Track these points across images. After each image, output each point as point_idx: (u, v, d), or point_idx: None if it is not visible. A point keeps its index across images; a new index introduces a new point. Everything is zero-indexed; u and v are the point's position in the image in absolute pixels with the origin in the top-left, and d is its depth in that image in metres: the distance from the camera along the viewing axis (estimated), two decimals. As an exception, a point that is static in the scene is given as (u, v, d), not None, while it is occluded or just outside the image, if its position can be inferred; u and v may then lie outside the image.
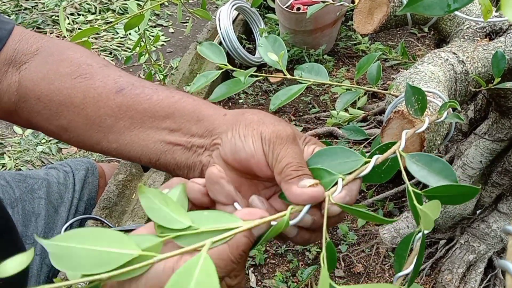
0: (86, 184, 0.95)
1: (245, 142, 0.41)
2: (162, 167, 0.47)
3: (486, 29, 0.74)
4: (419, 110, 0.43)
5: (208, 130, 0.44)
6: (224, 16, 1.54)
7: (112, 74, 0.49)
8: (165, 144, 0.46)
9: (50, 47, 0.52)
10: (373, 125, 1.33)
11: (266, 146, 0.40)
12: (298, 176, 0.38)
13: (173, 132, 0.45)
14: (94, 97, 0.47)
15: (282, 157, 0.39)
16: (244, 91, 1.51)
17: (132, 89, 0.47)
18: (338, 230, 1.05)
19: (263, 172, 0.41)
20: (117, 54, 1.96)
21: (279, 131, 0.40)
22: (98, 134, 0.48)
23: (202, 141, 0.44)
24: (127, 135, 0.46)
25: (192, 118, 0.45)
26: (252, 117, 0.42)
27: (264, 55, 0.55)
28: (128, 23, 0.86)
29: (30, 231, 0.81)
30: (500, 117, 0.85)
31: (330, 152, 0.39)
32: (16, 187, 0.83)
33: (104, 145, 0.48)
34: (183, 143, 0.45)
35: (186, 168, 0.46)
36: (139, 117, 0.46)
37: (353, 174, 0.37)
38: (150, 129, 0.46)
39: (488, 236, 0.94)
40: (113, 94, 0.47)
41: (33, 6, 2.20)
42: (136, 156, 0.47)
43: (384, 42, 1.81)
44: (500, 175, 0.90)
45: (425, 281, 0.98)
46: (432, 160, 0.36)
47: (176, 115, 0.45)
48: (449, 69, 0.66)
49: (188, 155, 0.45)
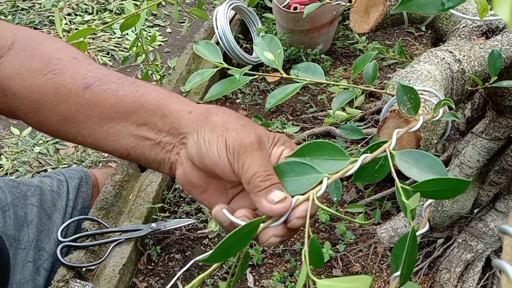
0: (80, 193, 0.95)
1: (209, 149, 0.41)
2: (134, 161, 0.48)
3: (483, 27, 0.74)
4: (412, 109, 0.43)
5: (174, 127, 0.44)
6: (221, 16, 1.53)
7: (81, 68, 0.49)
8: (134, 138, 0.46)
9: (23, 41, 0.51)
10: (370, 124, 1.33)
11: (231, 155, 0.40)
12: (266, 188, 0.38)
13: (140, 126, 0.46)
14: (65, 94, 0.47)
15: (248, 166, 0.39)
16: (242, 91, 1.50)
17: (99, 85, 0.47)
18: (336, 230, 1.05)
19: (230, 178, 0.41)
20: (115, 55, 1.96)
21: (242, 139, 0.40)
22: (73, 130, 0.48)
23: (170, 139, 0.45)
24: (99, 131, 0.47)
25: (157, 113, 0.45)
26: (216, 119, 0.42)
27: (260, 54, 0.55)
28: (125, 23, 0.86)
29: (22, 235, 0.81)
30: (497, 116, 0.85)
31: (318, 147, 0.39)
32: (9, 192, 0.82)
33: (80, 139, 0.49)
34: (151, 138, 0.45)
35: (156, 163, 0.46)
36: (106, 113, 0.46)
37: (339, 173, 0.37)
38: (118, 125, 0.46)
39: (486, 235, 0.94)
40: (82, 91, 0.47)
41: (30, 6, 2.19)
42: (110, 150, 0.48)
43: (381, 42, 1.81)
44: (497, 174, 0.90)
45: (423, 280, 0.98)
46: (421, 156, 0.36)
47: (142, 110, 0.46)
48: (446, 68, 0.66)
49: (157, 151, 0.45)
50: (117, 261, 0.90)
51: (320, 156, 0.38)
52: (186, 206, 1.08)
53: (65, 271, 0.83)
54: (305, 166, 0.37)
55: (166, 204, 1.08)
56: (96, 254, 0.90)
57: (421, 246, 1.02)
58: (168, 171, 0.46)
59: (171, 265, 0.99)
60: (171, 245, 1.03)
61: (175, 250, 1.02)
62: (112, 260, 0.90)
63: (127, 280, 0.92)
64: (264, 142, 0.42)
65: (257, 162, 0.39)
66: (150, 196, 1.03)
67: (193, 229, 1.06)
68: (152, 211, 1.02)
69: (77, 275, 0.85)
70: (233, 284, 0.39)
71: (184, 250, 1.02)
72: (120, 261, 0.90)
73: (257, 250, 0.99)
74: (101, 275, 0.87)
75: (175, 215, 1.08)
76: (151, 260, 0.99)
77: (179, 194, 1.12)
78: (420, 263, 0.99)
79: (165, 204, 1.08)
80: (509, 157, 0.85)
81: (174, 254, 1.01)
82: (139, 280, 0.96)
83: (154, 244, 1.01)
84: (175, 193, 1.11)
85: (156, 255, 0.99)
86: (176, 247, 1.02)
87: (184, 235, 1.04)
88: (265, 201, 0.37)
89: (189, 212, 1.08)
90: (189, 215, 1.08)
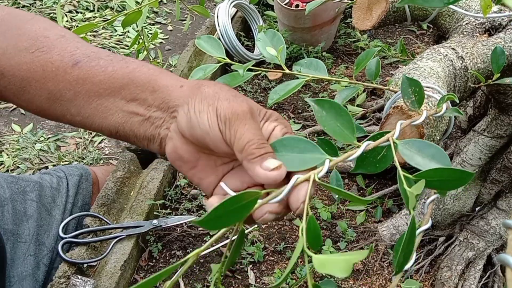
0: (80, 190, 0.95)
1: (199, 118, 0.40)
2: (123, 139, 0.47)
3: (486, 24, 0.74)
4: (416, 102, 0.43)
5: (164, 101, 0.44)
6: (222, 13, 1.53)
7: (69, 46, 0.48)
8: (123, 114, 0.45)
9: (9, 20, 0.51)
10: (372, 122, 1.33)
11: (222, 123, 0.39)
12: (261, 156, 0.37)
13: (129, 102, 0.45)
14: (53, 71, 0.47)
15: (241, 134, 0.38)
16: (243, 88, 1.50)
17: (87, 61, 0.47)
18: (337, 227, 1.05)
19: (220, 149, 0.41)
20: (116, 52, 1.96)
21: (234, 107, 0.39)
22: (62, 108, 0.48)
23: (160, 114, 0.44)
24: (87, 108, 0.46)
25: (147, 89, 0.45)
26: (208, 90, 0.42)
27: (262, 49, 0.55)
28: (126, 20, 0.86)
29: (22, 230, 0.81)
30: (499, 113, 0.85)
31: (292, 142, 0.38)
32: (7, 187, 0.82)
33: (69, 118, 0.48)
34: (141, 113, 0.45)
35: (145, 139, 0.46)
36: (95, 89, 0.46)
37: (342, 157, 0.36)
38: (107, 101, 0.46)
39: (487, 233, 0.93)
40: (70, 68, 0.46)
41: (31, 3, 2.19)
42: (98, 128, 0.47)
43: (383, 40, 1.81)
44: (499, 172, 0.89)
45: (424, 278, 0.98)
46: (425, 145, 0.36)
47: (131, 85, 0.45)
48: (448, 65, 0.66)
49: (146, 126, 0.45)
50: (118, 258, 0.90)
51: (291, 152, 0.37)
52: (188, 203, 1.08)
53: (67, 267, 0.83)
54: (309, 144, 0.37)
55: (167, 201, 1.08)
56: (98, 251, 0.90)
57: (423, 244, 1.02)
58: (157, 148, 0.46)
59: (173, 262, 0.99)
60: (173, 241, 1.03)
61: (176, 246, 1.02)
62: (114, 257, 0.90)
63: (128, 276, 0.92)
64: (255, 113, 0.41)
65: (250, 130, 0.38)
66: (152, 192, 1.03)
67: (194, 226, 1.06)
68: (153, 208, 1.02)
69: (78, 271, 0.85)
70: (225, 267, 0.38)
71: (185, 247, 1.02)
72: (122, 258, 0.90)
73: (258, 247, 0.99)
74: (102, 271, 0.87)
75: (176, 212, 1.08)
76: (152, 256, 0.99)
77: (181, 191, 1.12)
78: (422, 261, 0.99)
79: (166, 201, 1.08)
80: (511, 155, 0.85)
81: (176, 250, 1.01)
82: (141, 276, 0.96)
83: (155, 240, 1.01)
84: (177, 190, 1.11)
85: (157, 252, 0.99)
86: (177, 244, 1.02)
87: (185, 232, 1.04)
88: (260, 168, 0.37)
89: (190, 209, 1.08)
90: (190, 212, 1.08)
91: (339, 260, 0.26)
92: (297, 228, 1.06)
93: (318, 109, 0.38)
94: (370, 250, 0.27)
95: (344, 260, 0.26)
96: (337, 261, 0.26)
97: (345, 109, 0.37)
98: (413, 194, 0.31)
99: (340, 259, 0.26)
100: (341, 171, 1.18)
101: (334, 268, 0.26)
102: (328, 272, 0.26)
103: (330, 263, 0.26)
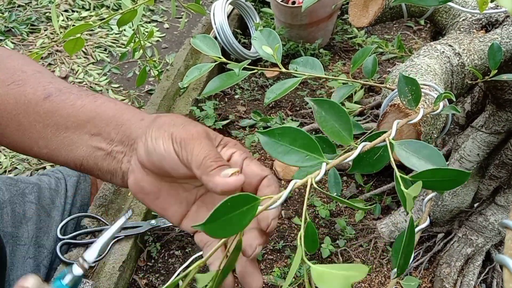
0: (79, 191, 0.95)
1: (156, 144, 0.41)
2: (88, 172, 0.49)
3: (482, 21, 0.73)
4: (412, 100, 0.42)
5: (125, 135, 0.45)
6: (218, 11, 1.53)
7: (44, 80, 0.50)
8: (87, 148, 0.47)
9: None
10: (369, 119, 1.33)
11: (177, 145, 0.40)
12: (219, 167, 0.38)
13: (94, 136, 0.46)
14: (25, 103, 0.48)
15: (198, 151, 0.39)
16: (240, 86, 1.50)
17: (59, 95, 0.48)
18: (336, 225, 1.05)
19: (178, 172, 0.41)
20: (112, 51, 1.95)
21: (189, 130, 0.41)
22: (30, 140, 0.48)
23: (122, 148, 0.46)
24: (54, 141, 0.47)
25: (111, 123, 0.46)
26: (164, 119, 0.43)
27: (258, 48, 0.54)
28: (121, 19, 0.85)
29: (21, 232, 0.81)
30: (497, 109, 0.85)
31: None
32: (6, 190, 0.82)
33: (36, 151, 0.49)
34: (103, 148, 0.46)
35: (108, 173, 0.47)
36: (63, 122, 0.47)
37: (338, 159, 0.36)
38: (73, 134, 0.47)
39: (486, 229, 0.93)
40: (41, 101, 0.48)
41: (27, 3, 2.18)
42: (64, 161, 0.48)
43: (380, 36, 1.81)
44: (497, 168, 0.89)
45: (423, 275, 0.98)
46: (420, 146, 0.36)
47: (97, 119, 0.46)
48: (445, 62, 0.66)
49: (109, 161, 0.46)
50: (117, 258, 0.89)
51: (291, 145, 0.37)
52: (186, 202, 1.08)
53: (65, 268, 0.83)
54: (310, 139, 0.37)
55: (165, 200, 1.08)
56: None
57: (421, 240, 1.02)
58: (120, 182, 0.47)
59: (171, 261, 0.99)
60: (171, 241, 1.02)
61: (175, 246, 1.01)
62: (112, 257, 0.89)
63: (127, 277, 0.92)
64: (211, 136, 0.42)
65: (206, 147, 0.39)
66: (149, 192, 1.02)
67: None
68: (151, 208, 1.02)
69: (76, 272, 0.85)
70: (218, 281, 0.36)
71: (184, 247, 1.02)
72: (120, 258, 0.89)
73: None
74: (101, 272, 0.87)
75: (174, 212, 1.08)
76: (151, 257, 0.99)
77: (179, 191, 1.12)
78: (421, 258, 0.99)
79: (164, 201, 1.08)
80: (509, 151, 0.85)
81: (174, 250, 1.01)
82: (139, 277, 0.95)
83: (153, 241, 1.01)
84: (174, 190, 1.11)
85: (156, 252, 0.99)
86: (176, 244, 1.02)
87: (183, 232, 1.04)
88: (218, 177, 0.37)
89: (188, 209, 1.08)
90: (188, 211, 1.08)
91: (338, 275, 0.26)
92: (295, 227, 1.06)
93: (317, 109, 0.38)
94: (369, 269, 0.27)
95: (344, 277, 0.25)
96: (336, 276, 0.26)
97: (344, 110, 0.37)
98: (410, 195, 0.31)
99: (340, 275, 0.26)
100: (339, 168, 1.18)
101: (332, 283, 0.26)
102: (326, 287, 0.26)
103: (329, 277, 0.26)
